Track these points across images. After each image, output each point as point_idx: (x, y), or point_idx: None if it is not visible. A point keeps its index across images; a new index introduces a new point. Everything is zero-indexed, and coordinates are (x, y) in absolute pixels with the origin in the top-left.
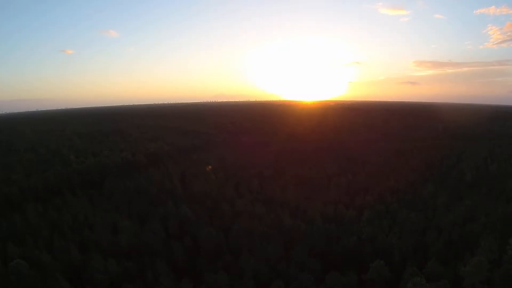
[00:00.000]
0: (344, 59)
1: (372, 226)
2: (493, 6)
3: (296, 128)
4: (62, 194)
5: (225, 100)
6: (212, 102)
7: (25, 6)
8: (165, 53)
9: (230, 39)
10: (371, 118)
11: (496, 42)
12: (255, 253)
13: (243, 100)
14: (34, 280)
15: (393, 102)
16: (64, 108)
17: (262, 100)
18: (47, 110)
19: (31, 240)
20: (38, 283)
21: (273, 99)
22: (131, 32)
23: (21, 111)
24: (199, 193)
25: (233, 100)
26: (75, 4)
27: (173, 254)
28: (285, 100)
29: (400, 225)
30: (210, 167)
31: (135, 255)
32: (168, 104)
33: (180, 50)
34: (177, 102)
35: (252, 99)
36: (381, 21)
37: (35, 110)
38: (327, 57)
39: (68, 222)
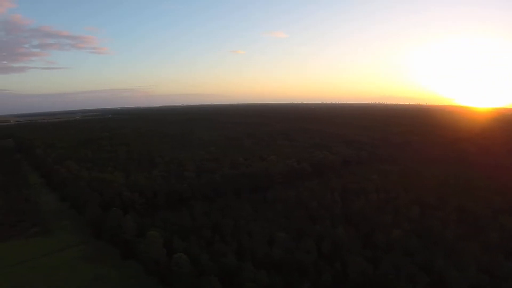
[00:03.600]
0: None
1: None
2: None
3: (467, 146)
4: (227, 196)
5: (393, 103)
6: (379, 104)
7: (203, 11)
8: (333, 53)
9: (396, 36)
10: None
11: None
12: None
13: (412, 103)
14: (191, 276)
15: None
16: (235, 103)
17: (433, 104)
18: (219, 104)
19: (194, 238)
20: (194, 279)
21: (445, 103)
22: (300, 33)
23: (196, 104)
24: (357, 214)
25: (401, 103)
26: (247, 8)
27: (320, 277)
28: (457, 105)
29: None
30: None
31: (285, 271)
32: (336, 104)
33: (348, 49)
34: (344, 102)
35: (422, 102)
36: None
37: (208, 103)
38: (504, 57)
39: (229, 225)
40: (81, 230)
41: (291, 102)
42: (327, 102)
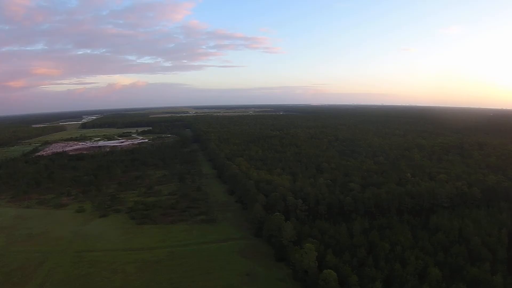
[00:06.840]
0: None
1: None
2: None
3: None
4: (389, 215)
5: None
6: None
7: (372, 8)
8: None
9: None
10: None
11: None
12: None
13: None
14: None
15: None
16: (406, 105)
17: None
18: (390, 105)
19: (348, 255)
20: None
21: None
22: (475, 28)
23: (366, 104)
24: None
25: None
26: (416, 4)
27: None
28: None
29: None
30: None
31: None
32: None
33: None
34: None
35: None
36: None
37: (379, 104)
38: None
39: (385, 249)
40: (242, 225)
41: (467, 106)
42: (509, 109)
